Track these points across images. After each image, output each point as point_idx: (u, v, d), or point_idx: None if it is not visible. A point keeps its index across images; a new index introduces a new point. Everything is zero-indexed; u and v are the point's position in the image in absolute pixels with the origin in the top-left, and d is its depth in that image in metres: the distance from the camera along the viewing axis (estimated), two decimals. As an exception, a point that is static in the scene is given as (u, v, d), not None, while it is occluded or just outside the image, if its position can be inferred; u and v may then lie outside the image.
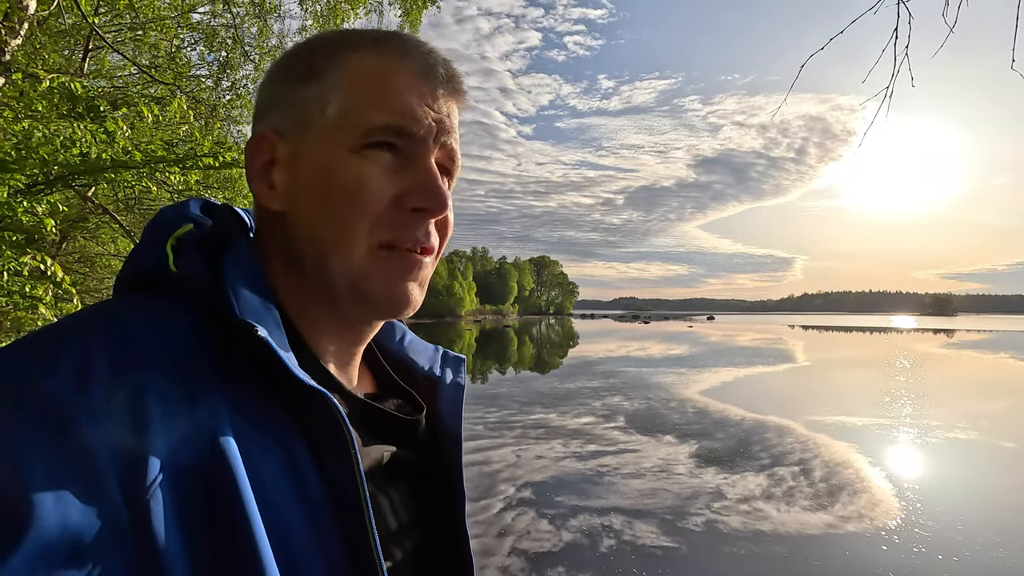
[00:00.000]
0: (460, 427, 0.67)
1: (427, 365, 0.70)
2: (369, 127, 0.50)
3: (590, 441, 11.24)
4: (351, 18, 8.23)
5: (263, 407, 0.45)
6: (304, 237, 0.52)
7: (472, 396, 17.15)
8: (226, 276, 0.47)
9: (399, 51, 0.53)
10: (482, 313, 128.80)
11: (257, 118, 0.56)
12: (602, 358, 30.95)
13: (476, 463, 9.64)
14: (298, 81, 0.53)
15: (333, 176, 0.50)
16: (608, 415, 13.86)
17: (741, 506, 7.65)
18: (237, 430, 0.41)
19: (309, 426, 0.46)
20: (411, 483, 0.60)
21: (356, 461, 0.46)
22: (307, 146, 0.52)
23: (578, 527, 6.92)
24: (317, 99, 0.52)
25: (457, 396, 0.69)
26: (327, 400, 0.45)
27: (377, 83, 0.51)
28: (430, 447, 0.64)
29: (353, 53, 0.53)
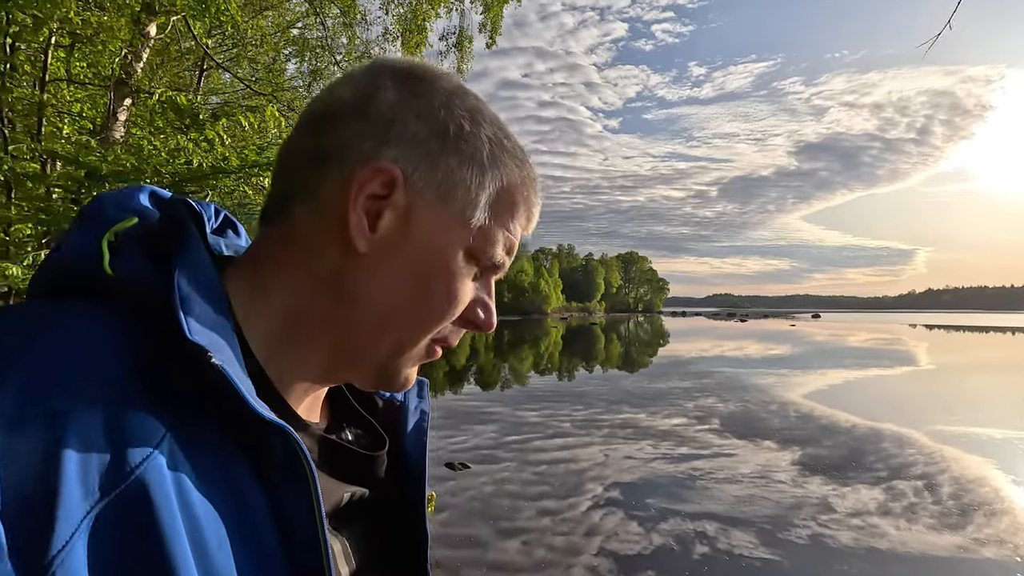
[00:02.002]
0: (425, 460, 0.62)
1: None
2: (490, 257, 0.51)
3: (682, 443, 10.83)
4: (432, 18, 8.47)
5: (211, 443, 0.39)
6: (378, 291, 0.48)
7: (558, 393, 17.15)
8: (177, 285, 0.39)
9: (534, 186, 0.55)
10: (568, 310, 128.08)
11: (379, 133, 0.47)
12: (694, 357, 29.70)
13: (563, 460, 9.61)
14: (455, 151, 0.49)
15: (443, 269, 0.48)
16: (701, 417, 13.27)
17: (853, 520, 7.03)
18: (177, 474, 0.35)
19: (265, 466, 0.41)
20: (368, 523, 0.55)
21: (318, 505, 0.41)
22: (433, 219, 0.48)
23: (669, 531, 6.69)
24: (469, 189, 0.49)
25: (422, 425, 0.64)
26: (289, 437, 0.40)
27: (513, 213, 0.52)
28: (391, 482, 0.59)
29: (507, 160, 0.52)
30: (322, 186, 0.47)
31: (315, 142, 0.48)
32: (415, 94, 0.49)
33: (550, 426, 12.28)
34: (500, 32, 9.34)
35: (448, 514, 7.18)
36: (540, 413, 13.74)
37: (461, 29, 9.52)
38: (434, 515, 7.15)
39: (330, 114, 0.48)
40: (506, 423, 12.59)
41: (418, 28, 8.25)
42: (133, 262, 0.41)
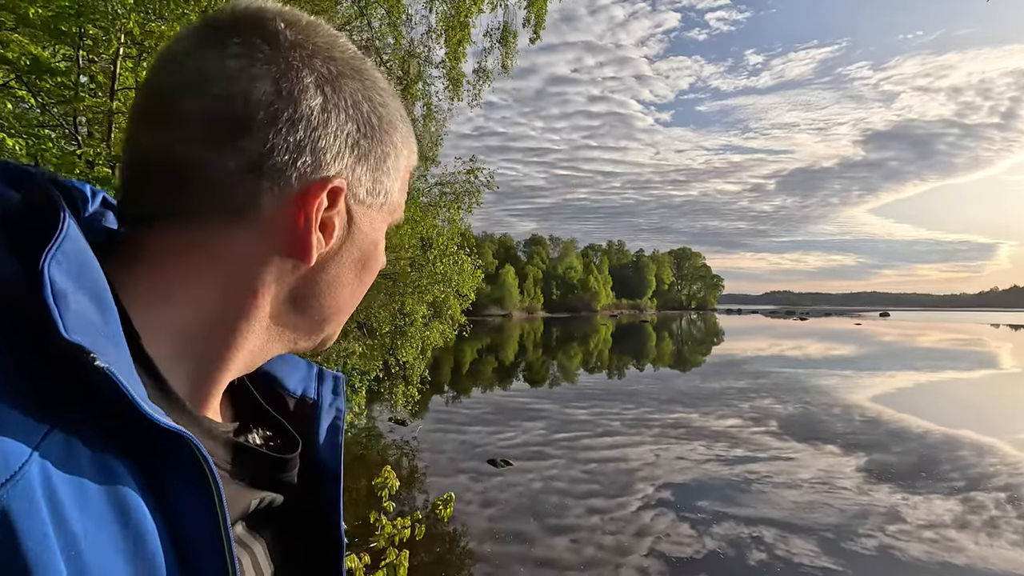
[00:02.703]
0: (340, 461, 0.58)
1: (300, 387, 0.61)
2: (399, 216, 0.55)
3: (736, 445, 10.47)
4: (475, 14, 8.49)
5: (95, 457, 0.33)
6: (325, 292, 0.49)
7: (608, 391, 16.95)
8: (49, 277, 0.33)
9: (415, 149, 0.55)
10: (618, 308, 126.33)
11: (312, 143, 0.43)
12: (751, 357, 28.68)
13: (612, 459, 9.49)
14: (379, 142, 0.49)
15: (376, 251, 0.52)
16: (757, 418, 12.79)
17: (925, 533, 6.59)
18: (52, 496, 0.30)
19: (161, 476, 0.36)
20: (278, 529, 0.52)
21: (222, 517, 0.37)
22: (369, 215, 0.50)
23: (723, 535, 6.48)
24: (390, 175, 0.51)
25: (337, 423, 0.60)
26: (187, 443, 0.36)
27: (406, 180, 0.55)
28: (304, 486, 0.55)
29: (409, 135, 0.53)
30: (255, 203, 0.42)
31: (235, 157, 0.41)
32: (337, 88, 0.45)
33: (599, 424, 12.15)
34: (544, 26, 9.27)
35: (496, 509, 7.22)
36: (589, 411, 13.63)
37: (505, 24, 9.51)
38: (464, 513, 7.21)
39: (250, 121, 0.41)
40: (555, 420, 12.56)
41: (461, 25, 8.29)
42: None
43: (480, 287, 10.12)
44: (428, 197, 9.69)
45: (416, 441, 10.45)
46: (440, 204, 9.56)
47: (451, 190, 9.59)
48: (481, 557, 5.88)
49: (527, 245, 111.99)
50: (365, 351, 8.34)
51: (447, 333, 9.78)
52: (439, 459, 9.40)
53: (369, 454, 9.62)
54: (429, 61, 9.11)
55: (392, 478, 2.95)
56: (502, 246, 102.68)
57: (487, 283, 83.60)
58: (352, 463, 8.89)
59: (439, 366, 21.28)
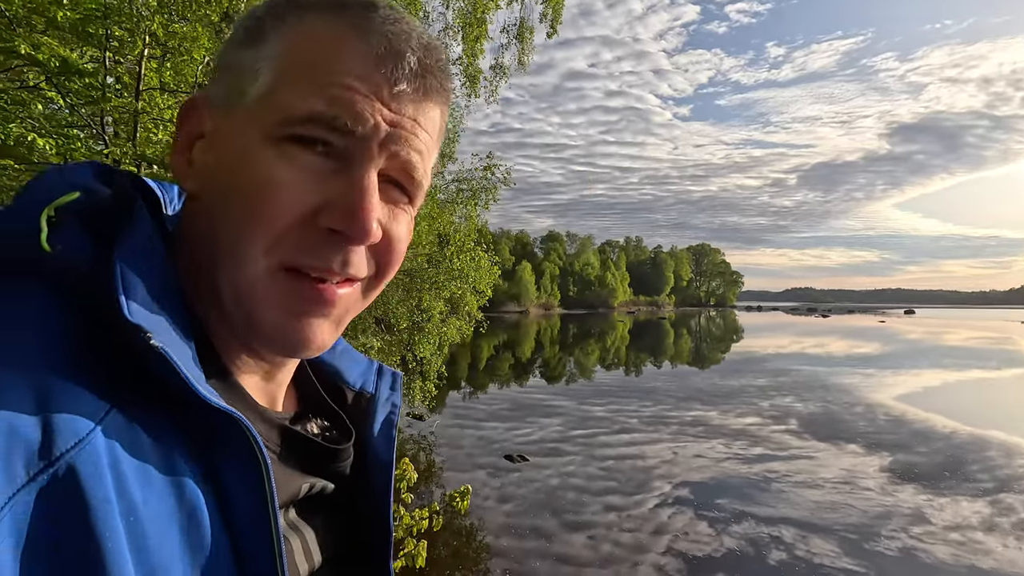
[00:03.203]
0: (393, 454, 0.59)
1: (359, 381, 0.62)
2: (289, 115, 0.40)
3: (756, 443, 10.35)
4: (492, 10, 8.46)
5: (155, 430, 0.35)
6: (204, 232, 0.43)
7: (625, 388, 16.87)
8: (117, 262, 0.36)
9: (359, 23, 0.42)
10: (636, 304, 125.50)
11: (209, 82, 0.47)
12: (771, 354, 28.30)
13: (629, 456, 9.45)
14: (239, 44, 0.44)
15: (239, 169, 0.41)
16: (777, 417, 12.62)
17: (951, 535, 6.45)
18: (115, 462, 0.32)
19: (214, 455, 0.38)
20: (329, 517, 0.52)
21: (271, 496, 0.38)
22: (227, 123, 0.43)
23: (742, 534, 6.41)
24: (250, 69, 0.42)
25: (391, 418, 0.61)
26: (238, 424, 0.37)
27: (316, 59, 0.41)
28: (356, 476, 0.56)
29: (304, 15, 0.43)
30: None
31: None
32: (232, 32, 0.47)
33: (616, 421, 12.10)
34: (561, 21, 9.22)
35: (513, 504, 7.25)
36: (606, 408, 13.58)
37: (522, 20, 9.47)
38: (482, 508, 7.23)
39: None
40: (571, 417, 12.55)
41: (478, 21, 8.28)
42: (72, 238, 0.38)
43: (497, 283, 10.14)
44: (445, 194, 9.74)
45: (433, 436, 10.53)
46: (457, 201, 9.60)
47: (468, 187, 9.62)
48: (499, 551, 5.91)
49: (544, 241, 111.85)
50: (383, 347, 8.42)
51: (464, 329, 9.82)
52: (456, 454, 9.46)
53: (387, 449, 9.71)
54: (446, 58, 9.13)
55: (410, 470, 2.99)
56: (519, 242, 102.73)
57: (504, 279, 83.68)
58: (371, 457, 8.98)
59: (456, 362, 21.37)
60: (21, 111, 3.44)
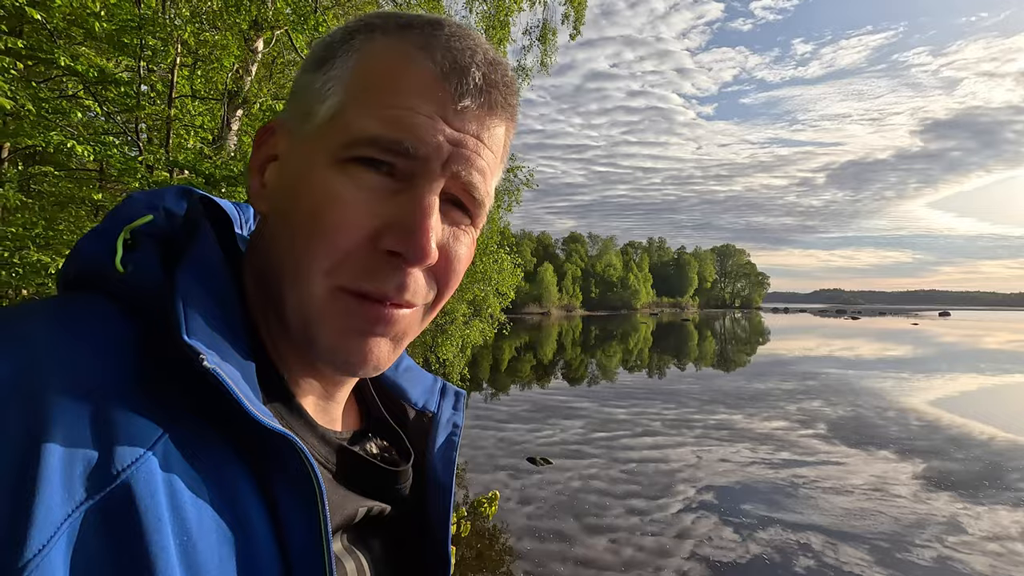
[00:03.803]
0: (452, 476, 0.57)
1: (422, 400, 0.61)
2: (354, 137, 0.40)
3: (782, 448, 10.15)
4: (515, 12, 8.48)
5: (211, 450, 0.36)
6: (271, 252, 0.44)
7: (648, 391, 16.70)
8: (180, 283, 0.38)
9: (422, 41, 0.42)
10: (659, 306, 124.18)
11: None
12: (798, 357, 27.71)
13: (652, 459, 9.35)
14: (310, 68, 0.45)
15: (303, 191, 0.42)
16: (805, 421, 12.35)
17: (989, 545, 6.22)
18: (170, 480, 0.33)
19: (270, 477, 0.38)
20: (386, 541, 0.52)
21: (323, 519, 0.38)
22: (297, 146, 0.44)
23: (768, 541, 6.29)
24: (318, 92, 0.43)
25: (452, 439, 0.59)
26: (293, 446, 0.37)
27: (381, 81, 0.41)
28: (415, 498, 0.55)
29: (372, 37, 0.43)
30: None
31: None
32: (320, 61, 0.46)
33: (639, 424, 11.99)
34: (584, 22, 9.21)
35: (535, 507, 7.24)
36: (628, 410, 13.46)
37: (544, 22, 9.48)
38: (504, 510, 7.22)
39: None
40: (593, 419, 12.47)
41: (501, 24, 8.31)
42: (144, 259, 0.39)
43: (519, 285, 10.12)
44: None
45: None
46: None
47: (490, 188, 9.65)
48: (521, 554, 5.90)
49: (566, 243, 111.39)
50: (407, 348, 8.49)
51: (487, 331, 9.84)
52: (478, 456, 9.48)
53: (410, 449, 9.79)
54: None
55: None
56: (540, 244, 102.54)
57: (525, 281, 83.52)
58: (394, 457, 9.06)
59: (478, 363, 21.43)
60: (61, 119, 3.58)
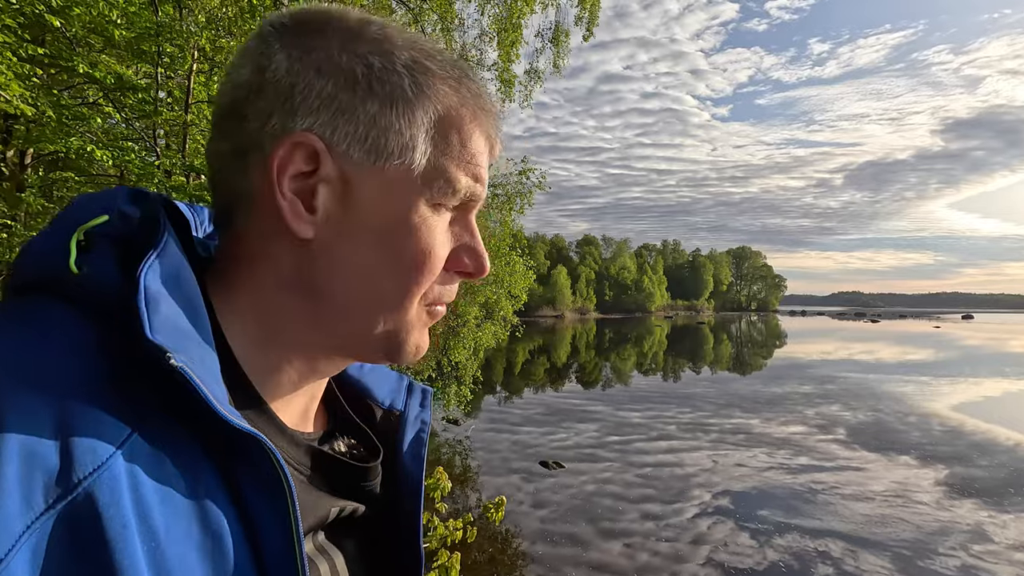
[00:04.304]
0: (422, 473, 0.58)
1: (388, 398, 0.62)
2: (455, 188, 0.46)
3: (800, 453, 9.99)
4: (527, 14, 8.48)
5: (179, 454, 0.35)
6: (344, 276, 0.45)
7: (663, 394, 16.57)
8: (144, 283, 0.37)
9: (481, 104, 0.48)
10: (673, 308, 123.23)
11: (284, 105, 0.43)
12: (816, 360, 27.30)
13: (667, 464, 9.26)
14: (370, 95, 0.44)
15: (404, 229, 0.44)
16: (824, 425, 12.15)
17: (1016, 555, 6.06)
18: (136, 486, 0.32)
19: (239, 478, 0.38)
20: (360, 541, 0.52)
21: (295, 521, 0.38)
22: (374, 180, 0.44)
23: (786, 547, 6.19)
24: (401, 132, 0.44)
25: (421, 436, 0.60)
26: (262, 446, 0.37)
27: (464, 138, 0.47)
28: (385, 496, 0.56)
29: (438, 84, 0.46)
30: (250, 183, 0.44)
31: (229, 142, 0.45)
32: (308, 48, 0.44)
33: (654, 428, 11.88)
34: (597, 23, 9.18)
35: (548, 511, 7.20)
36: (643, 414, 13.36)
37: (557, 24, 9.47)
38: (517, 513, 7.19)
39: (234, 104, 0.44)
40: (607, 423, 12.39)
41: (513, 26, 8.33)
42: (100, 260, 0.38)
43: (532, 288, 10.11)
44: (480, 199, 9.80)
45: (469, 440, 10.57)
46: (492, 206, 9.63)
47: (503, 191, 9.64)
48: (534, 558, 5.87)
49: (579, 245, 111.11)
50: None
51: (499, 334, 9.84)
52: (492, 459, 9.46)
53: (423, 452, 9.80)
54: (482, 64, 9.21)
55: (444, 479, 2.96)
56: (554, 247, 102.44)
57: (539, 284, 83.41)
58: (407, 460, 9.08)
59: (492, 366, 21.43)
60: (81, 126, 3.65)
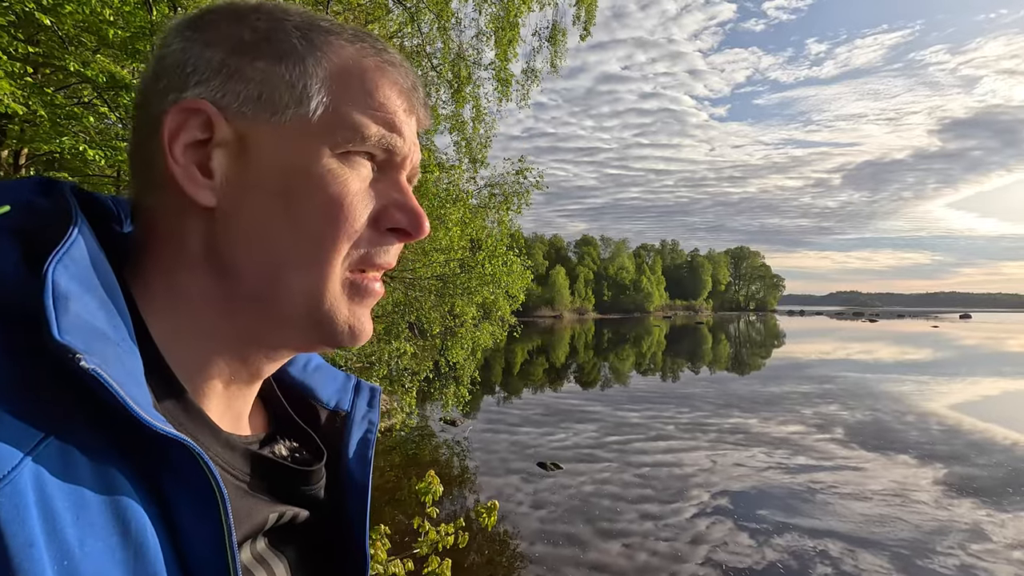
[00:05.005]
0: (369, 475, 0.56)
1: (334, 399, 0.59)
2: (362, 134, 0.44)
3: (799, 452, 9.99)
4: (524, 13, 8.46)
5: (96, 463, 0.32)
6: (247, 243, 0.42)
7: (661, 394, 16.57)
8: (52, 279, 0.33)
9: (385, 57, 0.47)
10: (672, 309, 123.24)
11: (176, 81, 0.42)
12: (814, 360, 27.34)
13: (666, 464, 9.26)
14: (259, 54, 0.43)
15: (309, 180, 0.42)
16: (822, 425, 12.16)
17: (1014, 553, 6.06)
18: (45, 502, 0.29)
19: (165, 486, 0.35)
20: (303, 547, 0.50)
21: (227, 529, 0.36)
22: (271, 136, 0.42)
23: (785, 547, 6.18)
24: (292, 84, 0.43)
25: (368, 437, 0.58)
26: (189, 451, 0.34)
27: (368, 87, 0.45)
28: (330, 500, 0.53)
29: (332, 40, 0.45)
30: (154, 165, 0.43)
31: (138, 132, 0.44)
32: (201, 27, 0.44)
33: (653, 428, 11.88)
34: (595, 22, 9.15)
35: (547, 511, 7.18)
36: (642, 414, 13.36)
37: (554, 23, 9.45)
38: (516, 514, 7.18)
39: (141, 97, 0.44)
40: (606, 423, 12.38)
41: (510, 25, 8.30)
42: (1, 254, 0.35)
43: (530, 288, 10.10)
44: (478, 199, 9.77)
45: (467, 441, 10.55)
46: (490, 206, 9.61)
47: (500, 191, 9.62)
48: (532, 559, 5.86)
49: (578, 246, 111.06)
50: (416, 351, 8.50)
51: (497, 334, 9.82)
52: (490, 459, 9.45)
53: (421, 453, 9.79)
54: (479, 63, 9.18)
55: (436, 483, 2.88)
56: (552, 247, 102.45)
57: (537, 284, 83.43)
58: (403, 463, 9.07)
59: (490, 366, 21.41)
60: (74, 125, 3.63)
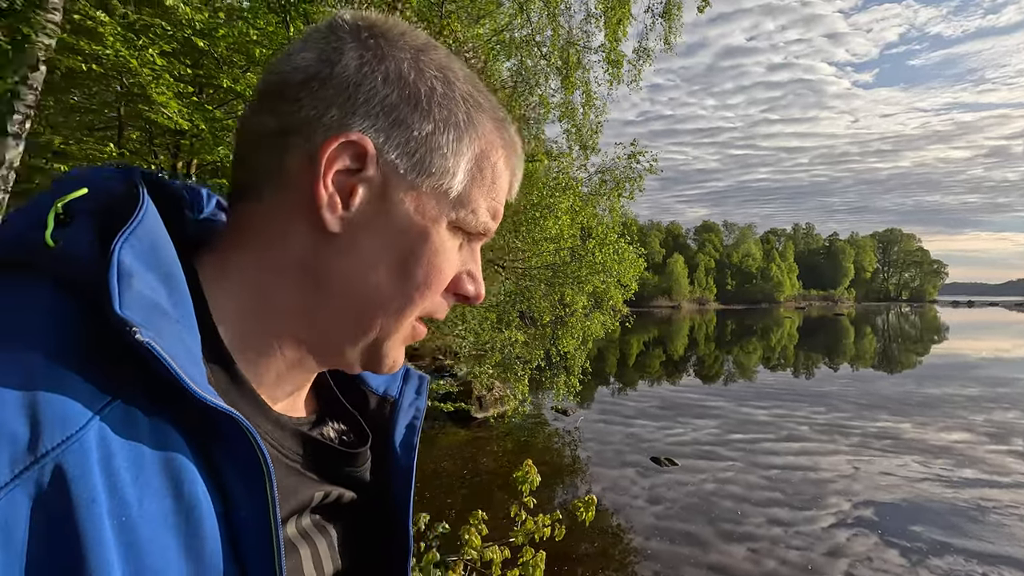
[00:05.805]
0: (413, 461, 0.58)
1: (383, 385, 0.61)
2: (477, 218, 0.49)
3: (964, 464, 8.66)
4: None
5: (155, 430, 0.35)
6: (351, 275, 0.45)
7: (793, 392, 15.27)
8: (117, 257, 0.35)
9: (516, 148, 0.52)
10: (806, 299, 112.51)
11: (344, 100, 0.44)
12: (985, 359, 23.50)
13: (799, 467, 8.51)
14: (428, 116, 0.45)
15: (424, 246, 0.46)
16: (995, 434, 10.43)
17: None
18: (108, 460, 0.32)
19: (216, 456, 0.37)
20: (348, 526, 0.52)
21: (272, 503, 0.37)
22: (411, 194, 0.45)
23: (944, 570, 5.41)
24: (446, 157, 0.46)
25: (414, 423, 0.61)
26: (237, 424, 0.36)
27: (495, 176, 0.50)
28: (376, 483, 0.55)
29: (483, 118, 0.49)
30: (286, 165, 0.44)
31: (276, 119, 0.44)
32: (380, 56, 0.45)
33: (783, 427, 10.97)
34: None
35: (663, 507, 6.94)
36: (770, 412, 12.39)
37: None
38: (630, 508, 6.99)
39: (289, 85, 0.44)
40: (729, 419, 11.66)
41: (620, 3, 7.93)
42: (77, 234, 0.37)
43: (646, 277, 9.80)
44: (588, 186, 9.61)
45: (579, 431, 10.51)
46: (600, 193, 9.42)
47: (611, 177, 9.38)
48: (646, 555, 5.70)
49: (698, 232, 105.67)
50: (527, 340, 8.60)
51: (609, 324, 9.65)
52: (604, 451, 9.33)
53: (533, 441, 9.93)
54: (588, 47, 8.98)
55: (533, 472, 2.87)
56: (670, 234, 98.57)
57: (654, 273, 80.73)
58: (516, 449, 9.26)
59: (604, 357, 21.14)
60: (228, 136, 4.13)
